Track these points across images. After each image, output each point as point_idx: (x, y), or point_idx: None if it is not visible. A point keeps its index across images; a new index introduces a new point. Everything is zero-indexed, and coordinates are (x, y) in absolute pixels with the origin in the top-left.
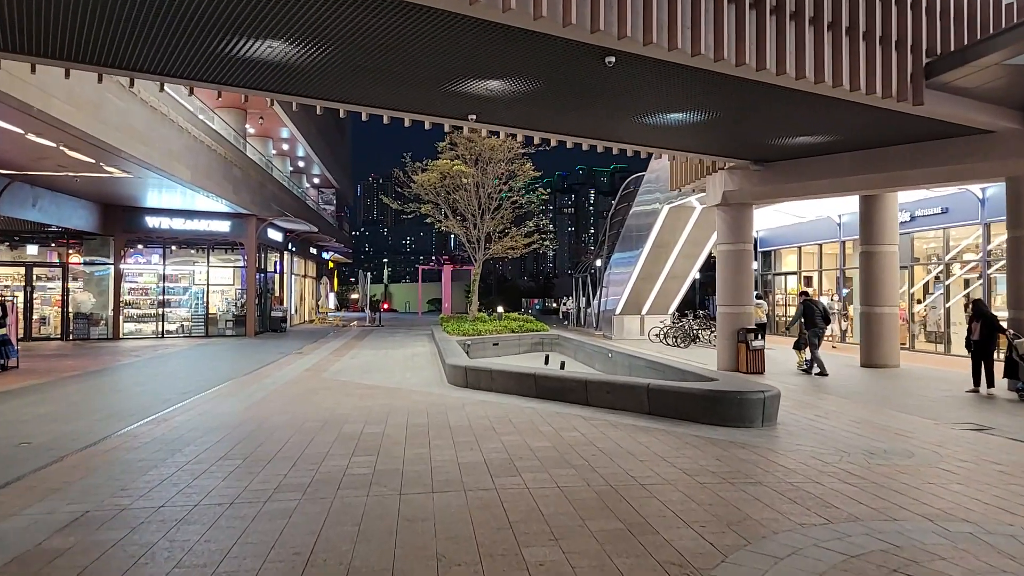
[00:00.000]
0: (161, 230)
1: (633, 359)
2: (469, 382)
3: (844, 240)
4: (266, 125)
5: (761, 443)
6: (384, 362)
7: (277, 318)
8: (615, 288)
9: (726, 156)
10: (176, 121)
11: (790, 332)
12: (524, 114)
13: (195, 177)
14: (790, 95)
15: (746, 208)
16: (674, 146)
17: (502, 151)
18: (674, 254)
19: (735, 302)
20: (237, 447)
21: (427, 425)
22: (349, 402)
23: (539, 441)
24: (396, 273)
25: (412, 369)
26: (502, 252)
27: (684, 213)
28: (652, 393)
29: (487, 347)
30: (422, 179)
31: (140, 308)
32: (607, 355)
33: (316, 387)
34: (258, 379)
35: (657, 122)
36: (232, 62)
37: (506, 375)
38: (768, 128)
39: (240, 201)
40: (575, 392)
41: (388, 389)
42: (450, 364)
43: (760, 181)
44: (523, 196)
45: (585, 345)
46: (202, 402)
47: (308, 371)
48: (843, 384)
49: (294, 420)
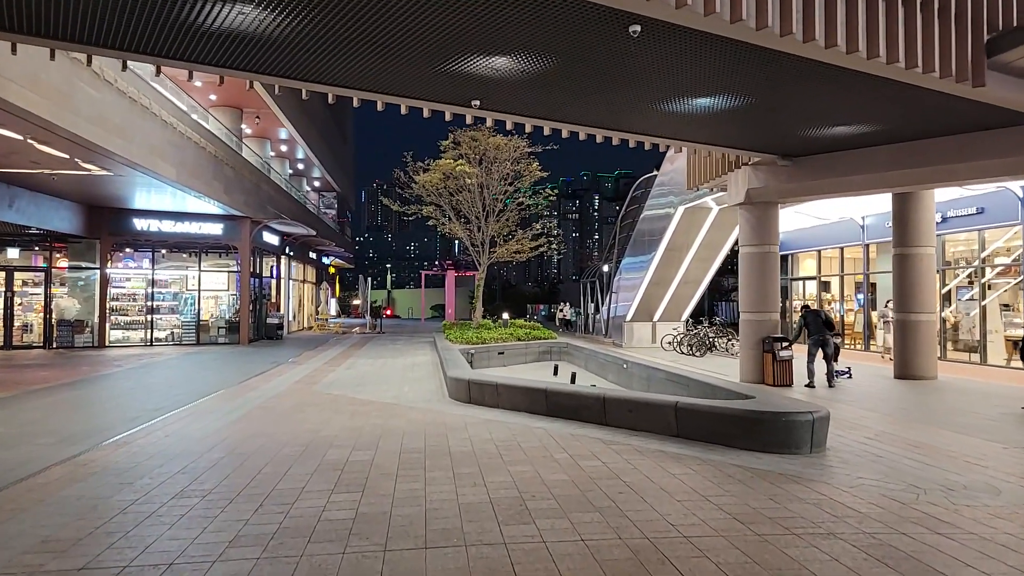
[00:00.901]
0: (150, 233)
1: (652, 371)
2: (472, 397)
3: (868, 243)
4: (263, 126)
5: (816, 476)
6: (382, 373)
7: (273, 325)
8: (625, 294)
9: (752, 150)
10: (159, 115)
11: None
12: (534, 100)
13: (181, 176)
14: (835, 75)
15: (771, 207)
16: (697, 138)
17: (507, 150)
18: (688, 258)
19: (760, 308)
20: (198, 480)
21: (424, 451)
22: (338, 421)
23: (554, 473)
24: (400, 279)
25: (411, 381)
26: (507, 256)
27: (700, 214)
28: (681, 413)
29: (492, 356)
30: (424, 179)
31: (128, 315)
32: (622, 366)
33: (304, 402)
34: (243, 392)
35: (681, 109)
36: (203, 35)
37: (514, 390)
38: (804, 116)
39: (232, 202)
40: (592, 410)
41: (383, 405)
42: (452, 377)
43: (788, 177)
44: (529, 197)
45: (597, 354)
46: (174, 420)
47: (299, 383)
48: (883, 399)
49: (272, 444)
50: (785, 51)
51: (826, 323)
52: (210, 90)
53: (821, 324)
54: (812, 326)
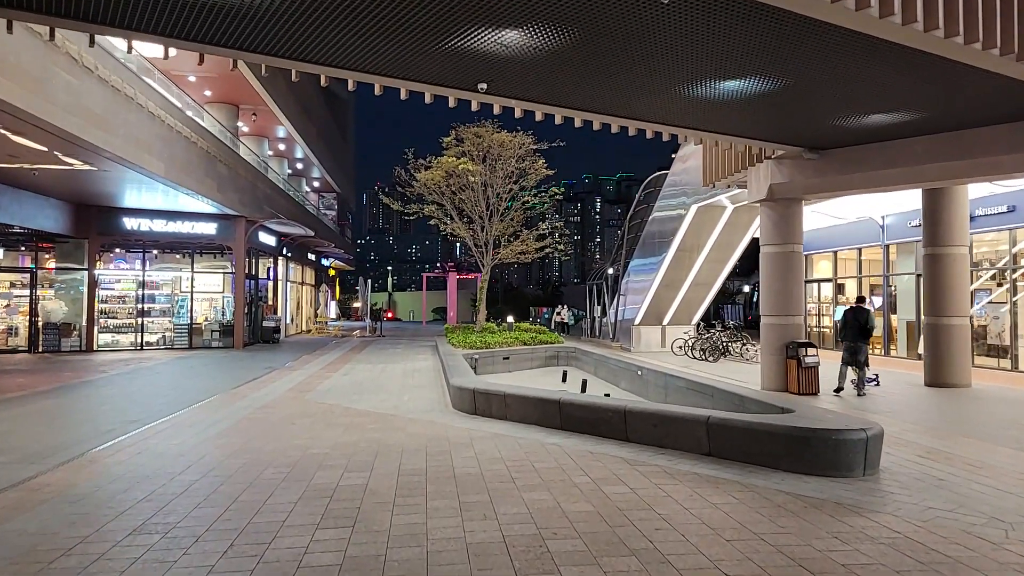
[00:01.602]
0: (140, 232)
1: (669, 378)
2: (478, 408)
3: (888, 244)
4: (261, 123)
5: (879, 505)
6: (380, 379)
7: (269, 328)
8: (634, 296)
9: (777, 142)
10: (145, 106)
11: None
12: (545, 82)
13: (170, 172)
14: (884, 53)
15: (795, 204)
16: (719, 128)
17: (512, 147)
18: (700, 259)
19: (783, 311)
20: (164, 510)
21: (425, 473)
22: (330, 436)
23: (576, 502)
24: (401, 282)
25: (411, 389)
26: (512, 257)
27: (713, 213)
28: (714, 429)
29: (496, 361)
30: (425, 177)
31: (117, 318)
32: (636, 372)
33: (296, 413)
34: (231, 401)
35: (706, 94)
36: (178, 5)
37: (524, 401)
38: (840, 103)
39: (226, 201)
40: (611, 425)
41: (381, 416)
42: (455, 385)
43: (814, 172)
44: (535, 196)
45: (607, 360)
46: (151, 434)
47: (291, 391)
48: (921, 410)
49: (255, 464)
50: (833, 22)
51: (862, 330)
52: (205, 85)
53: (857, 330)
54: (850, 329)
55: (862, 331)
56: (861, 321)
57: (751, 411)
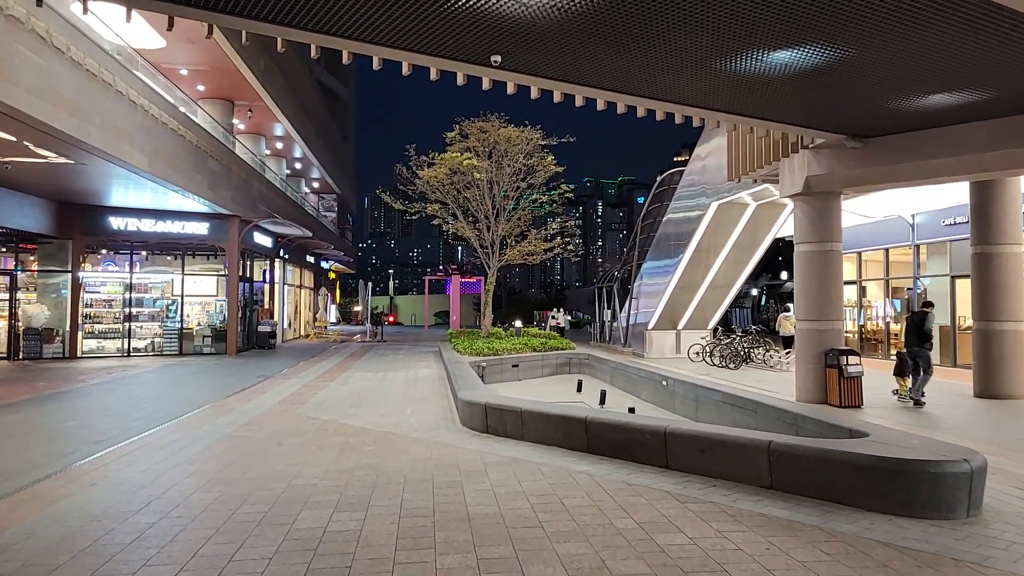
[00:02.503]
0: (127, 232)
1: (701, 390)
2: (490, 425)
3: (919, 244)
4: (257, 121)
5: (1008, 563)
6: (381, 389)
7: (265, 333)
8: (647, 300)
9: (818, 129)
10: (126, 94)
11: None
12: (568, 55)
13: (155, 166)
14: (965, 16)
15: (834, 198)
16: (755, 112)
17: (520, 142)
18: (719, 259)
19: (821, 316)
20: (105, 568)
21: (432, 513)
22: (321, 460)
23: (625, 558)
24: (403, 285)
25: (414, 401)
26: (519, 259)
27: (734, 211)
28: (777, 457)
29: (505, 369)
30: (428, 175)
31: (103, 323)
32: (660, 382)
33: (284, 431)
34: (213, 416)
35: (748, 69)
36: None
37: (544, 419)
38: (903, 78)
39: (218, 199)
40: (649, 449)
41: (380, 435)
42: (465, 400)
43: (857, 162)
44: (543, 194)
45: (625, 368)
46: (114, 459)
47: (283, 403)
48: (985, 427)
49: (227, 500)
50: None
51: (919, 335)
52: (198, 80)
53: (914, 333)
54: (910, 334)
55: (919, 335)
56: (918, 323)
57: (808, 431)
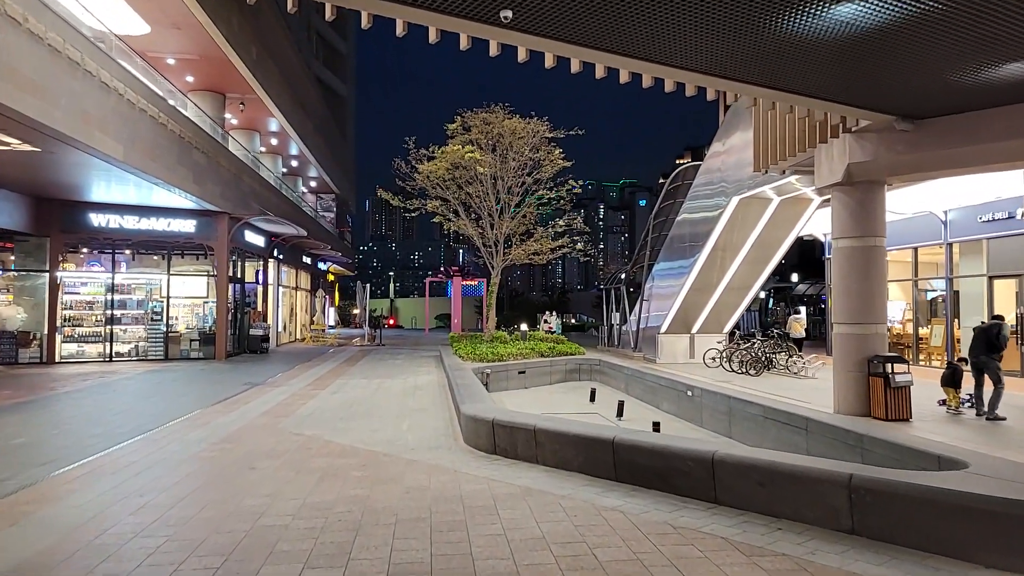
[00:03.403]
0: (109, 230)
1: (735, 402)
2: (498, 445)
3: (951, 242)
4: (251, 115)
5: None
6: (376, 399)
7: (257, 337)
8: (659, 302)
9: (865, 107)
10: (96, 75)
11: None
12: (585, 11)
13: (131, 156)
14: None
15: (877, 188)
16: (797, 86)
17: (525, 134)
18: (739, 259)
19: (862, 318)
20: None
21: (430, 570)
22: (298, 491)
23: None
24: (404, 288)
25: (412, 413)
26: (524, 258)
27: (756, 207)
28: (862, 495)
29: (511, 376)
30: (428, 169)
31: (83, 325)
32: (685, 392)
33: (261, 450)
34: (185, 431)
35: (795, 30)
36: None
37: (562, 439)
38: (977, 42)
39: (204, 194)
40: (692, 479)
41: (370, 456)
42: (469, 415)
43: (907, 147)
44: (550, 190)
45: (642, 375)
46: (50, 489)
47: (266, 415)
48: None
49: (173, 548)
50: None
51: (988, 344)
52: (186, 70)
53: (983, 343)
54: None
55: (989, 345)
56: (991, 334)
57: (878, 456)
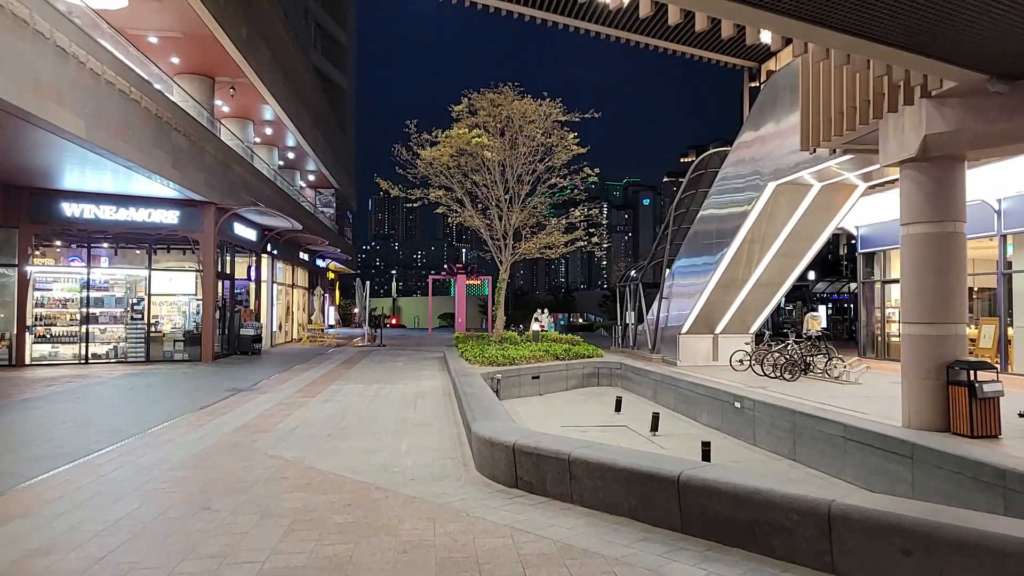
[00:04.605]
0: (83, 220)
1: (801, 417)
2: (521, 477)
3: (1005, 233)
4: (243, 101)
5: None
6: (371, 410)
7: (248, 337)
8: (680, 301)
9: (956, 63)
10: (51, 37)
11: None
12: None
13: (96, 134)
14: None
15: (957, 165)
16: (869, 30)
17: (537, 117)
18: (771, 252)
19: (939, 317)
20: None
21: None
22: (257, 546)
23: None
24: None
25: (413, 428)
26: (535, 252)
27: (794, 195)
28: None
29: (524, 382)
30: (430, 155)
31: (57, 325)
32: (731, 403)
33: (224, 481)
34: (139, 453)
35: None
36: None
37: (608, 474)
38: None
39: (186, 181)
40: (797, 538)
41: (359, 491)
42: (483, 437)
43: (1000, 114)
44: (564, 178)
45: (676, 382)
46: None
47: (241, 430)
48: None
49: None
50: None
51: None
52: (171, 50)
53: None
54: None
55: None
56: None
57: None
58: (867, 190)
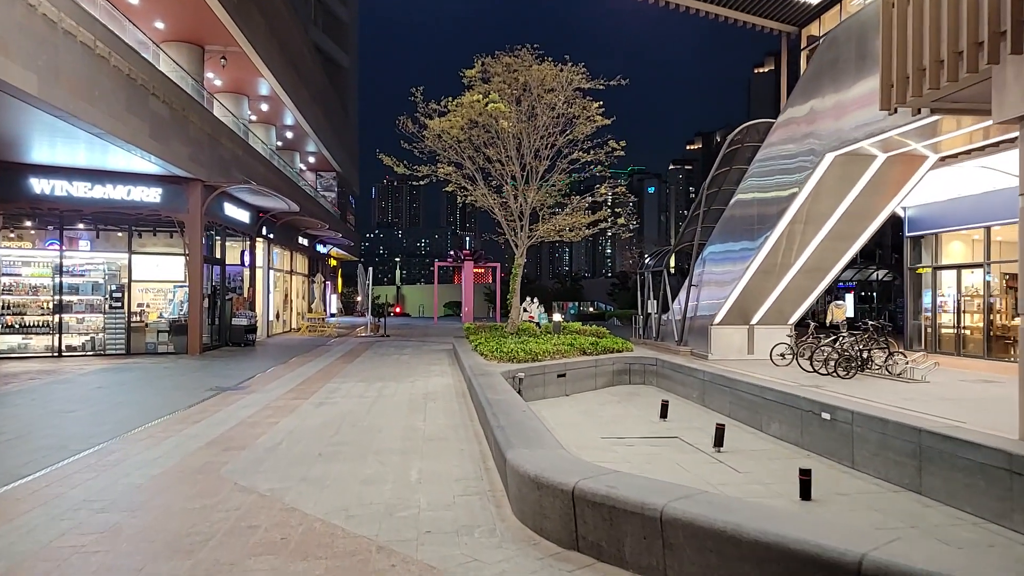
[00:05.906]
0: (55, 198)
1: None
2: (584, 537)
3: None
4: (236, 74)
5: None
6: (373, 417)
7: (241, 327)
8: (712, 289)
9: None
10: None
11: None
12: None
13: (52, 92)
14: None
15: None
16: None
17: (557, 85)
18: (821, 233)
19: None
20: None
21: None
22: None
23: None
24: (411, 275)
25: (423, 444)
26: (554, 234)
27: (853, 167)
28: None
29: (548, 381)
30: (439, 126)
31: (27, 314)
32: (820, 415)
33: (166, 535)
34: (62, 485)
35: None
36: None
37: (728, 544)
38: None
39: (167, 154)
40: None
41: (351, 553)
42: (527, 475)
43: None
44: (587, 152)
45: (734, 384)
46: None
47: (210, 447)
48: None
49: None
50: None
51: None
52: (154, 13)
53: None
54: None
55: None
56: None
57: None
58: (940, 161)
